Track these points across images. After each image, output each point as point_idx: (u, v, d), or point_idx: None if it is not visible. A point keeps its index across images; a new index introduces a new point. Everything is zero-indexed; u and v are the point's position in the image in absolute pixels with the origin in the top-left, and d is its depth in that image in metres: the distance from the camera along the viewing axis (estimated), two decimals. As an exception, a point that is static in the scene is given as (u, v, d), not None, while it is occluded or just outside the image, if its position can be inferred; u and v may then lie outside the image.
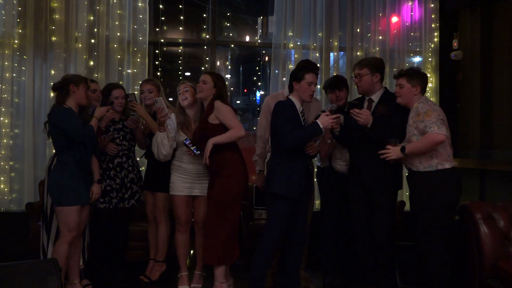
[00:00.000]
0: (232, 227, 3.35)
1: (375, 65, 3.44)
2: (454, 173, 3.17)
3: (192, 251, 4.19)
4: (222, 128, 3.32)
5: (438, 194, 3.10)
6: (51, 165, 3.48)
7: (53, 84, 3.38)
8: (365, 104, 3.49)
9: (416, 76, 3.23)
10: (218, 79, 3.46)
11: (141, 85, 3.98)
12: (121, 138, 3.82)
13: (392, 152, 3.13)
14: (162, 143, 3.48)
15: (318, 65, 3.91)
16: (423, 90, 3.26)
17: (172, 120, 3.59)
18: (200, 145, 3.40)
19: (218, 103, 3.35)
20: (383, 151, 3.17)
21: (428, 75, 5.25)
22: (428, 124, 3.05)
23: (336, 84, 3.81)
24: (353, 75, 3.50)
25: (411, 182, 3.28)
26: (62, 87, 3.31)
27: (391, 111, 3.34)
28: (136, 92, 4.45)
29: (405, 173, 3.49)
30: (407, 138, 3.23)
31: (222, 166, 3.35)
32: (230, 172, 3.34)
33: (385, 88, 3.54)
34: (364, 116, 3.24)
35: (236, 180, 3.36)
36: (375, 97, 3.46)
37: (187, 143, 3.40)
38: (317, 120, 3.20)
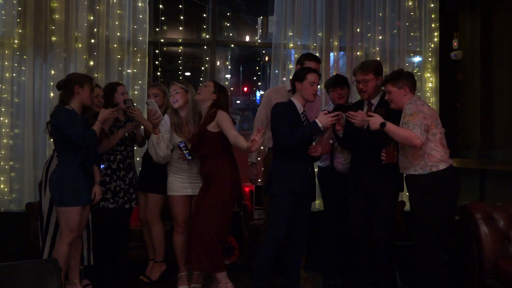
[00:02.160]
0: (221, 234, 3.34)
1: (378, 69, 3.45)
2: (450, 174, 3.13)
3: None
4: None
5: (433, 195, 3.08)
6: (49, 165, 3.47)
7: (58, 82, 3.37)
8: (365, 108, 3.49)
9: (400, 77, 3.19)
10: (220, 89, 3.46)
11: (148, 89, 4.01)
12: (130, 138, 3.84)
13: (375, 118, 3.06)
14: (158, 145, 3.50)
15: (320, 65, 3.91)
16: (412, 89, 3.21)
17: (165, 121, 3.60)
18: (197, 151, 3.42)
19: (220, 112, 3.35)
20: (383, 155, 3.16)
21: (428, 75, 5.27)
22: (411, 125, 3.01)
23: (338, 82, 3.81)
24: (354, 81, 3.49)
25: (407, 185, 3.26)
26: (67, 86, 3.30)
27: (388, 113, 3.34)
28: (147, 95, 4.42)
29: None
30: None
31: (212, 174, 3.36)
32: (219, 179, 3.34)
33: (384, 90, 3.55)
34: (359, 118, 3.24)
35: (225, 188, 3.34)
36: (375, 100, 3.47)
37: (181, 145, 3.41)
38: (316, 119, 3.20)
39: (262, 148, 3.95)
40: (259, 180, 4.19)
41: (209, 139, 3.34)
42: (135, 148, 4.03)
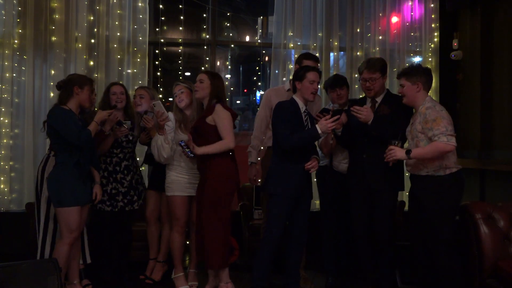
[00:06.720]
0: (226, 228, 3.35)
1: (384, 67, 3.47)
2: (460, 175, 3.16)
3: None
4: (218, 130, 3.33)
5: (449, 196, 3.09)
6: (45, 165, 3.46)
7: (58, 82, 3.37)
8: (369, 105, 3.49)
9: (415, 73, 3.20)
10: (214, 77, 3.46)
11: (136, 90, 4.02)
12: (127, 141, 3.82)
13: (397, 152, 3.07)
14: (162, 146, 3.50)
15: (319, 64, 3.92)
16: (426, 86, 3.20)
17: (171, 121, 3.60)
18: (195, 142, 3.41)
19: (219, 107, 3.36)
20: (388, 152, 3.13)
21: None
22: (436, 133, 3.01)
23: (337, 82, 3.82)
24: (359, 79, 3.50)
25: (417, 185, 3.23)
26: (66, 87, 3.30)
27: (393, 111, 3.35)
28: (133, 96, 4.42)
29: (406, 173, 3.48)
30: (414, 143, 3.18)
31: (207, 168, 3.36)
32: (216, 175, 3.34)
33: (387, 89, 3.56)
34: (365, 112, 3.25)
35: (222, 183, 3.35)
36: (379, 98, 3.47)
37: (182, 144, 3.41)
38: (316, 125, 3.20)
39: (262, 148, 3.94)
40: (259, 180, 4.19)
41: (206, 131, 3.34)
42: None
